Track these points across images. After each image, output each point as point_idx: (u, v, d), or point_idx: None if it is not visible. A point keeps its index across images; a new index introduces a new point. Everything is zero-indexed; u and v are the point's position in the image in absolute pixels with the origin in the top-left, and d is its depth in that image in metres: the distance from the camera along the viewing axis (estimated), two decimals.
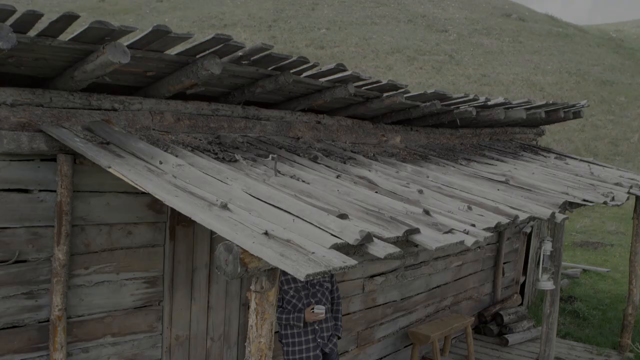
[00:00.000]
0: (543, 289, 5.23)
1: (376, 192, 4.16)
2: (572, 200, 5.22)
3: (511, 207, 4.52)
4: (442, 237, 3.33)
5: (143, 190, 3.12)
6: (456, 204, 4.24)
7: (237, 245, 2.58)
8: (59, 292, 3.91)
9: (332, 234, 2.89)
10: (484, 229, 3.71)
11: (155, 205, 4.48)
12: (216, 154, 4.17)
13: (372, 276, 6.59)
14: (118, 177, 4.22)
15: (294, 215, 3.08)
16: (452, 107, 6.59)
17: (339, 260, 2.59)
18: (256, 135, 5.12)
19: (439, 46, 36.22)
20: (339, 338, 5.14)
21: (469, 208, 4.16)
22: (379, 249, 2.87)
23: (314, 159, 4.78)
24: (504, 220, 4.07)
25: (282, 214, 3.05)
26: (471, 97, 6.40)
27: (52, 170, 3.90)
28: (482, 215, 4.08)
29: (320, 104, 5.36)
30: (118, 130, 3.96)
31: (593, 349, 8.29)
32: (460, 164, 6.29)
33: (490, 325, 8.71)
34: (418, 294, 7.42)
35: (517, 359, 7.76)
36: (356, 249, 2.88)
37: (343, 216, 3.17)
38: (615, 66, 36.15)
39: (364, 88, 5.41)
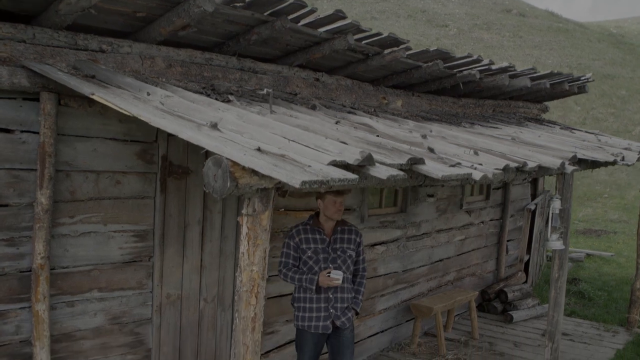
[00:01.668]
0: (552, 248, 5.01)
1: (377, 135, 3.94)
2: (581, 157, 5.01)
3: (519, 158, 4.30)
4: (448, 169, 3.11)
5: (127, 114, 2.90)
6: (462, 149, 4.02)
7: (227, 159, 2.36)
8: (42, 239, 3.69)
9: (330, 155, 2.67)
10: (493, 169, 3.50)
11: (146, 155, 4.26)
12: (209, 95, 3.95)
13: (373, 245, 6.37)
14: (106, 123, 4.04)
15: (290, 139, 2.87)
16: (455, 70, 6.38)
17: (338, 173, 2.38)
18: (252, 88, 4.90)
19: (439, 41, 35.97)
20: (357, 314, 4.67)
21: (476, 153, 3.95)
22: (381, 171, 2.66)
23: (313, 108, 4.56)
24: (513, 164, 3.85)
25: (276, 137, 2.84)
26: (475, 57, 6.19)
27: (35, 111, 3.69)
28: (489, 161, 3.87)
29: (319, 58, 5.13)
30: (105, 68, 3.75)
31: (600, 325, 8.07)
32: (464, 127, 6.07)
33: (494, 302, 8.48)
34: (420, 266, 7.20)
35: (522, 334, 7.53)
36: (356, 169, 2.66)
37: (343, 142, 2.95)
38: (616, 60, 35.93)
39: (364, 42, 5.19)
